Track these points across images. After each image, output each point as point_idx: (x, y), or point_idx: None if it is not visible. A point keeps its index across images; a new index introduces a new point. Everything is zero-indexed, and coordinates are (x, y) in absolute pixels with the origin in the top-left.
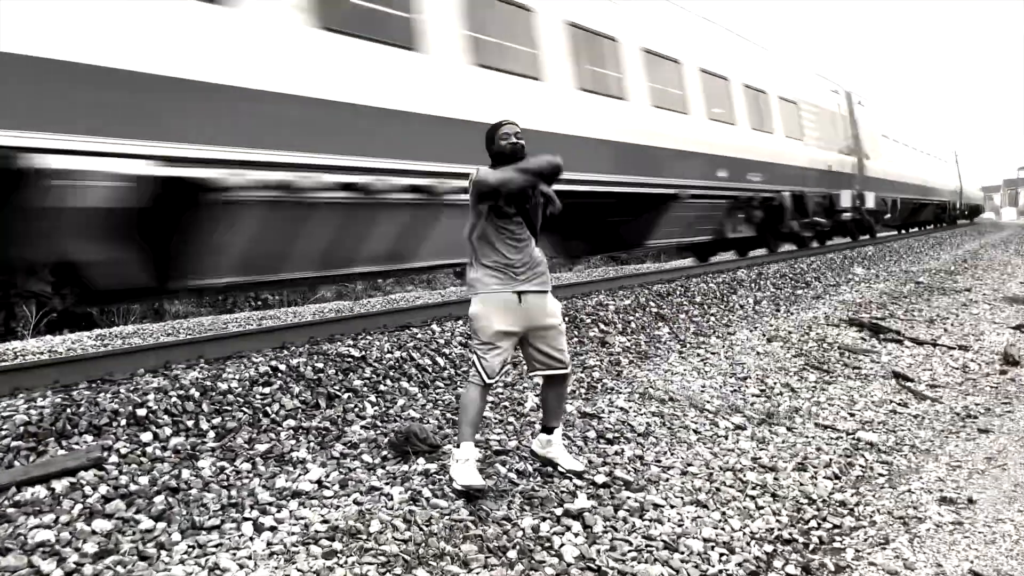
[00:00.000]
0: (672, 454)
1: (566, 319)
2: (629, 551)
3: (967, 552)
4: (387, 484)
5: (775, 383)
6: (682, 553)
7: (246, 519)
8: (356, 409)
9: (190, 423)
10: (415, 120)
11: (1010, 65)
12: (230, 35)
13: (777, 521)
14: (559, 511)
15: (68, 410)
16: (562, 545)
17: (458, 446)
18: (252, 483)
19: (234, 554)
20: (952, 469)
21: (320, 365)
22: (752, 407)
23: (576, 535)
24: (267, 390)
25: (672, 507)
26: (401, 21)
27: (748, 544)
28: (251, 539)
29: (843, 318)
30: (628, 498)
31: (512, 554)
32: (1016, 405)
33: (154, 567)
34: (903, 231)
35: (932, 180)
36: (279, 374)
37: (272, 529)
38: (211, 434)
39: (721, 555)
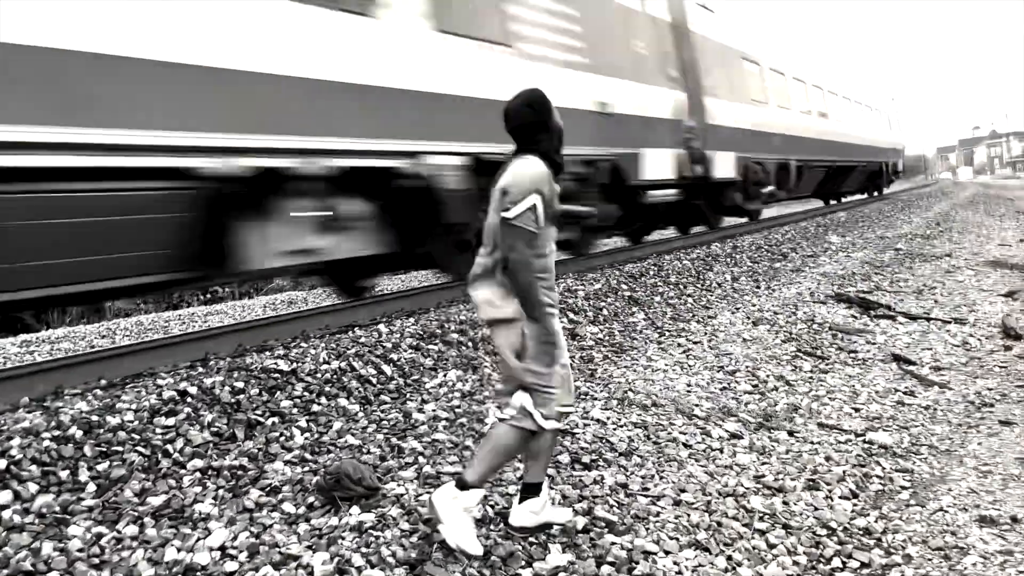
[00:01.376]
0: (661, 478)
1: None
2: None
3: None
4: (309, 547)
5: (768, 376)
6: None
7: None
8: (282, 438)
9: (64, 474)
10: None
11: (962, 23)
12: None
13: (794, 563)
14: (527, 574)
15: None
16: None
17: (464, 487)
18: (134, 556)
19: None
20: (982, 476)
21: (240, 385)
22: (746, 408)
23: None
24: (171, 421)
25: (667, 553)
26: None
27: None
28: None
29: (829, 293)
30: (613, 544)
31: None
32: None
33: None
34: None
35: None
36: (188, 399)
37: None
38: (91, 487)
39: None
